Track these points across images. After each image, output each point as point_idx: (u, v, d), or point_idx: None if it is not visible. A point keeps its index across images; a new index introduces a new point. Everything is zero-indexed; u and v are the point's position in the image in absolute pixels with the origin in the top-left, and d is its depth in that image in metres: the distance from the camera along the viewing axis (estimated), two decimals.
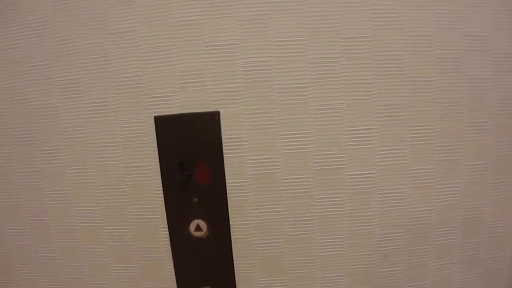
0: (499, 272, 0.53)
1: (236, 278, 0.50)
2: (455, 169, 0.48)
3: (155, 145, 0.47)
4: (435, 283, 0.52)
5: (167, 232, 0.49)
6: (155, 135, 0.46)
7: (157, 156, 0.47)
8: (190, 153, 0.46)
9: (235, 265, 0.50)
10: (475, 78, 0.46)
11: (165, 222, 0.48)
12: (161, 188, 0.48)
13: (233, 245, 0.49)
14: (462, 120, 0.47)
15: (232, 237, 0.49)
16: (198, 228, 0.48)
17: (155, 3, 0.44)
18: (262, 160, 0.47)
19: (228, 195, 0.47)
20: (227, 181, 0.47)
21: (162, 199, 0.48)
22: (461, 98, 0.47)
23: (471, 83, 0.46)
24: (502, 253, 0.52)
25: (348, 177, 0.47)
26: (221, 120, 0.46)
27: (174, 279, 0.51)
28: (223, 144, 0.46)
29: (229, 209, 0.48)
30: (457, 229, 0.50)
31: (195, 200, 0.47)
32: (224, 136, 0.46)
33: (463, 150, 0.48)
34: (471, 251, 0.51)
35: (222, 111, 0.46)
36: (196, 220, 0.48)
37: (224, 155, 0.47)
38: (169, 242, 0.49)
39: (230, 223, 0.48)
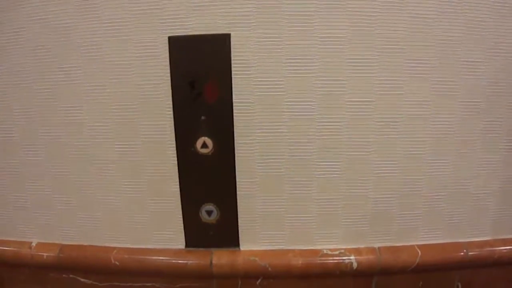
0: (486, 209, 0.56)
1: (238, 195, 0.53)
2: (449, 103, 0.51)
3: (168, 64, 0.49)
4: (426, 213, 0.55)
5: (175, 149, 0.51)
6: (168, 54, 0.49)
7: (169, 75, 0.49)
8: (201, 72, 0.49)
9: (237, 183, 0.52)
10: (473, 19, 0.49)
11: (173, 138, 0.51)
12: (171, 105, 0.50)
13: (236, 163, 0.52)
14: (458, 58, 0.50)
15: (236, 155, 0.51)
16: (204, 145, 0.51)
17: None
18: (268, 83, 0.49)
19: (234, 114, 0.50)
20: (234, 100, 0.50)
21: (172, 116, 0.50)
22: (459, 37, 0.49)
23: (469, 24, 0.49)
24: (490, 190, 0.55)
25: (348, 103, 0.50)
26: (232, 43, 0.48)
27: (179, 196, 0.53)
28: (232, 65, 0.49)
29: (235, 128, 0.50)
30: (449, 162, 0.53)
31: (203, 118, 0.50)
32: (233, 57, 0.49)
33: (458, 87, 0.51)
34: (461, 185, 0.54)
35: (232, 34, 0.48)
36: (203, 138, 0.51)
37: (233, 76, 0.49)
38: (176, 159, 0.52)
39: (235, 141, 0.51)
